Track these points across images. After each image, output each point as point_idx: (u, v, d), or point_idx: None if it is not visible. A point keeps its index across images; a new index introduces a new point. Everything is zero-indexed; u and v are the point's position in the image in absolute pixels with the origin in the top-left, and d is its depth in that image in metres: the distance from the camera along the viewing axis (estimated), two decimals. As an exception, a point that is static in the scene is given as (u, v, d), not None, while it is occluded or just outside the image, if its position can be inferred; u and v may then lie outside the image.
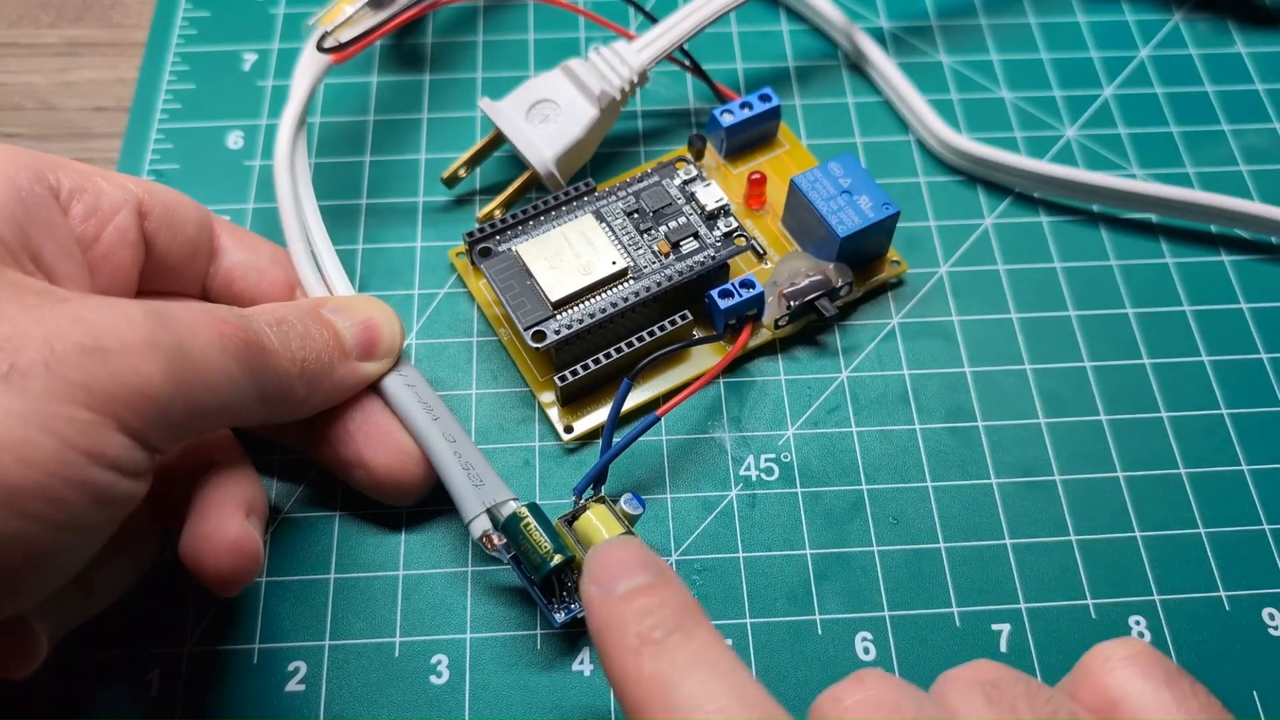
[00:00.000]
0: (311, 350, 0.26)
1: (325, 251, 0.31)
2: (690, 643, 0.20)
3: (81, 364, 0.21)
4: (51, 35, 0.40)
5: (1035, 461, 0.31)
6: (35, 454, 0.20)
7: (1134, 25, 0.41)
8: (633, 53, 0.34)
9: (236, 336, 0.24)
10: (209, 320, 0.24)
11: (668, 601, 0.21)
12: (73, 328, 0.21)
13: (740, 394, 0.32)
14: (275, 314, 0.26)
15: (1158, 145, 0.38)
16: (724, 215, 0.32)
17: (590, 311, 0.30)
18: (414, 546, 0.29)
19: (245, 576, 0.25)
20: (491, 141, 0.35)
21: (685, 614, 0.21)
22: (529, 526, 0.26)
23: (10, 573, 0.21)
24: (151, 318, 0.22)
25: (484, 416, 0.31)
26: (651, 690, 0.19)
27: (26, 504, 0.20)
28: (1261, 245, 0.35)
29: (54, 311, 0.21)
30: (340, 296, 0.30)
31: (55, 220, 0.25)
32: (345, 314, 0.28)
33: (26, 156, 0.25)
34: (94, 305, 0.22)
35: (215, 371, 0.23)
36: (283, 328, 0.26)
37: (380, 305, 0.29)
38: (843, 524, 0.30)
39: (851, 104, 0.39)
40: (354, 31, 0.33)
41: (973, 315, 0.34)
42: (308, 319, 0.27)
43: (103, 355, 0.21)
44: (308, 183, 0.32)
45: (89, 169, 0.27)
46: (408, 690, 0.27)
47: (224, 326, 0.24)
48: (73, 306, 0.22)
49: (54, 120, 0.38)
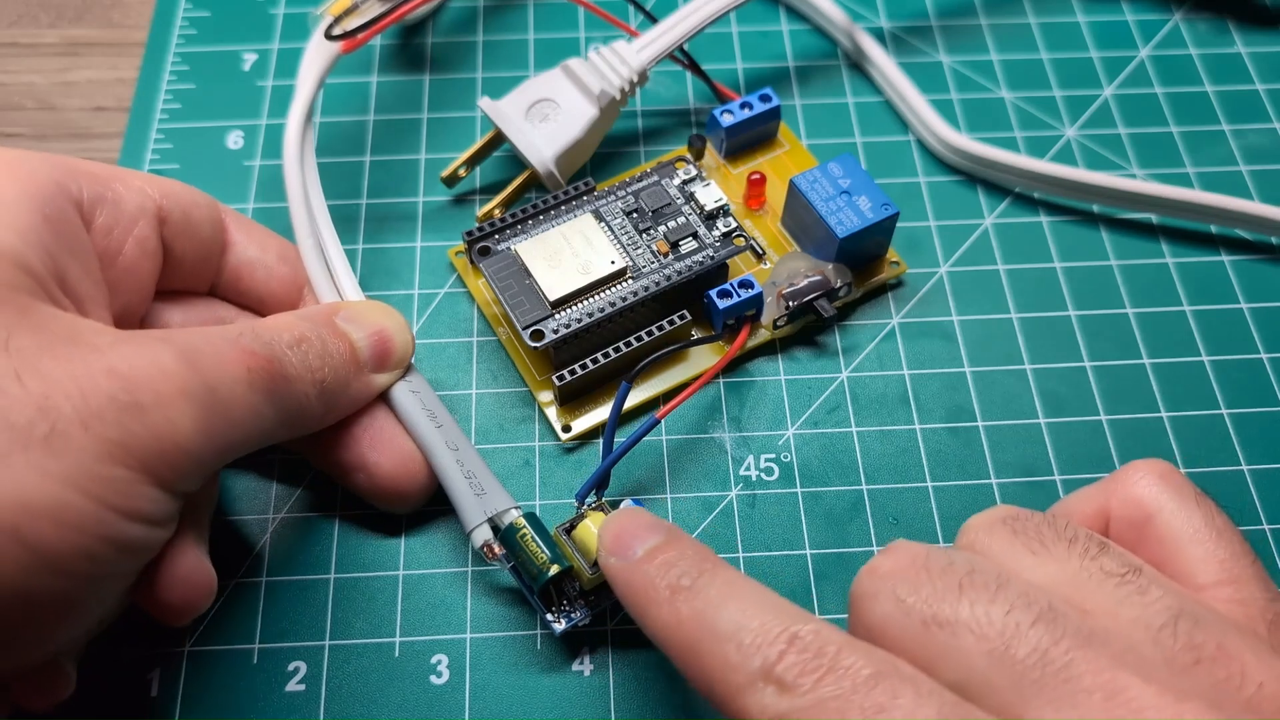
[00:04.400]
0: (330, 368, 0.26)
1: (333, 247, 0.31)
2: (717, 579, 0.21)
3: (119, 421, 0.21)
4: (51, 35, 0.40)
5: (1035, 461, 0.31)
6: (72, 516, 0.20)
7: (1134, 25, 0.41)
8: (633, 52, 0.34)
9: (264, 370, 0.24)
10: (237, 355, 0.24)
11: (685, 552, 0.22)
12: (108, 382, 0.21)
13: (740, 394, 0.32)
14: (295, 333, 0.26)
15: (1158, 145, 0.38)
16: (723, 215, 0.32)
17: (589, 311, 0.30)
18: (414, 546, 0.29)
19: (196, 610, 0.25)
20: (491, 141, 0.35)
21: (704, 559, 0.22)
22: (526, 537, 0.27)
23: (44, 624, 0.21)
24: (183, 363, 0.22)
25: (484, 416, 0.31)
26: (695, 629, 0.20)
27: (62, 564, 0.21)
28: (1261, 245, 0.35)
29: (88, 365, 0.21)
30: (352, 303, 0.29)
31: (80, 240, 0.25)
32: (359, 324, 0.28)
33: (49, 167, 0.25)
34: (126, 355, 0.22)
35: (244, 410, 0.24)
36: (303, 348, 0.26)
37: (391, 313, 0.29)
38: (843, 524, 0.30)
39: (851, 104, 0.39)
40: (362, 20, 0.32)
41: (973, 315, 0.34)
42: (326, 335, 0.27)
43: (139, 411, 0.21)
44: (316, 178, 0.32)
45: (107, 172, 0.26)
46: (408, 690, 0.27)
47: (251, 360, 0.24)
48: (106, 358, 0.22)
49: (54, 120, 0.38)
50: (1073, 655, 0.18)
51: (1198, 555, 0.21)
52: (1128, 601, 0.19)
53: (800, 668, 0.18)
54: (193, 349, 0.23)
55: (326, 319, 0.28)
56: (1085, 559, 0.20)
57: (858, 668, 0.18)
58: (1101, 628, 0.18)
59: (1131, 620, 0.19)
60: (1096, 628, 0.18)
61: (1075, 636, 0.18)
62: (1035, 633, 0.18)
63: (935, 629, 0.19)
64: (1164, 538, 0.21)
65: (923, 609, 0.19)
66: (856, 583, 0.21)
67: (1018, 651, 0.18)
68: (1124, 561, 0.20)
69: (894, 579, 0.20)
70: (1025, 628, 0.18)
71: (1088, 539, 0.20)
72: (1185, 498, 0.22)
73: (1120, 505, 0.22)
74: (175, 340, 0.23)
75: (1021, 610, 0.18)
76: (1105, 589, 0.19)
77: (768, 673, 0.19)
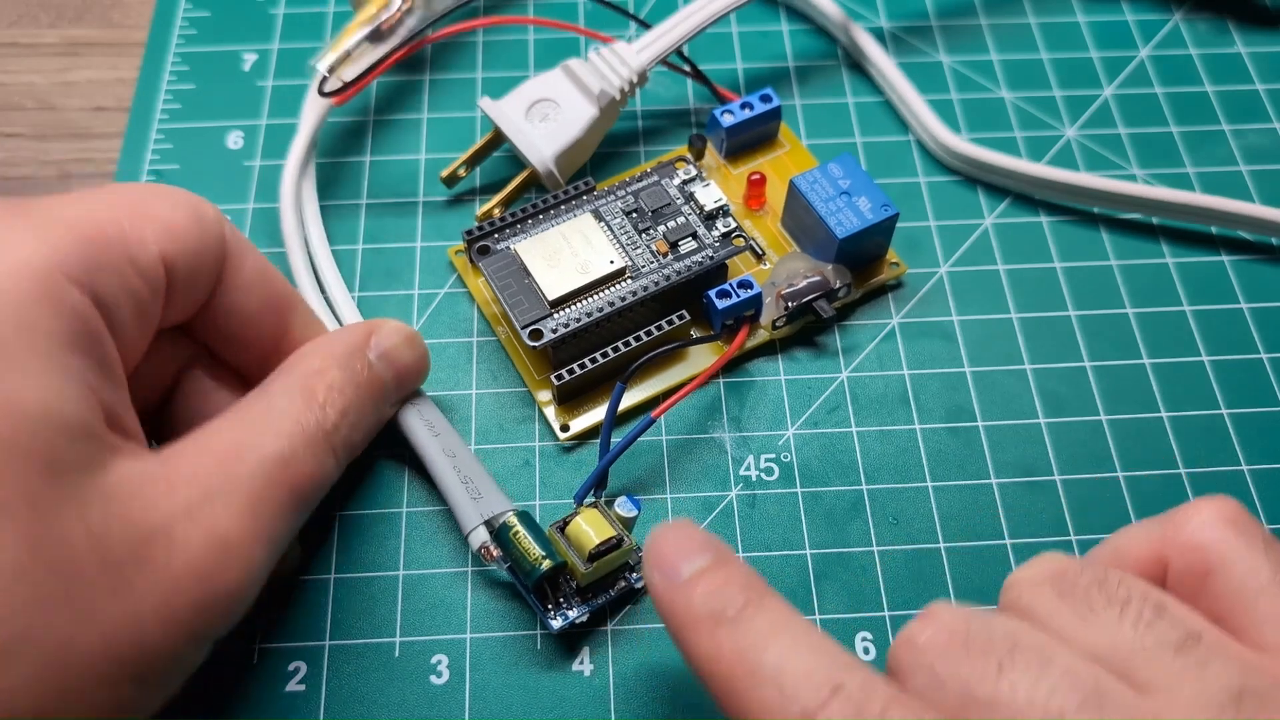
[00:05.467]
0: (365, 432, 0.27)
1: (337, 291, 0.32)
2: (763, 613, 0.20)
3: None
4: (51, 35, 0.40)
5: (1035, 461, 0.31)
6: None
7: (1134, 25, 0.41)
8: (633, 53, 0.34)
9: (305, 496, 0.24)
10: (290, 500, 0.24)
11: (733, 578, 0.21)
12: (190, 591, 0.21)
13: (740, 394, 0.32)
14: (340, 406, 0.25)
15: (1158, 145, 0.38)
16: (722, 215, 0.32)
17: (587, 310, 0.30)
18: (414, 546, 0.29)
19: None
20: (491, 141, 0.35)
21: (752, 588, 0.21)
22: (518, 535, 0.27)
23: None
24: (247, 557, 0.22)
25: (484, 417, 0.31)
26: (736, 664, 0.20)
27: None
28: (1262, 246, 0.35)
29: (119, 614, 0.20)
30: (384, 335, 0.28)
31: (110, 356, 0.22)
32: (389, 362, 0.28)
33: (61, 259, 0.21)
34: (183, 585, 0.21)
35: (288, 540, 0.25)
36: (345, 420, 0.26)
37: (416, 342, 0.29)
38: (843, 524, 0.30)
39: (851, 104, 0.39)
40: (355, 70, 0.33)
41: (973, 315, 0.34)
42: (368, 402, 0.27)
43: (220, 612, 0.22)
44: (318, 224, 0.33)
45: (119, 238, 0.23)
46: (408, 690, 0.27)
47: (296, 481, 0.24)
48: (146, 606, 0.21)
49: (54, 120, 0.38)
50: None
51: (1267, 612, 0.19)
52: (1186, 675, 0.18)
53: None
54: (252, 531, 0.23)
55: (378, 392, 0.27)
56: (1139, 626, 0.19)
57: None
58: (1153, 710, 0.17)
59: (1189, 700, 0.17)
60: (1148, 709, 0.17)
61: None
62: (1081, 718, 0.17)
63: (974, 708, 0.18)
64: (1228, 593, 0.19)
65: (961, 690, 0.18)
66: (893, 653, 0.20)
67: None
68: (1183, 628, 0.18)
69: (932, 654, 0.19)
70: (1070, 711, 0.17)
71: (1142, 601, 0.19)
72: (1254, 547, 0.20)
73: (1180, 554, 0.20)
74: (234, 537, 0.22)
75: (1066, 692, 0.17)
76: (1162, 661, 0.18)
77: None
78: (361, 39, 0.34)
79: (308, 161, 0.34)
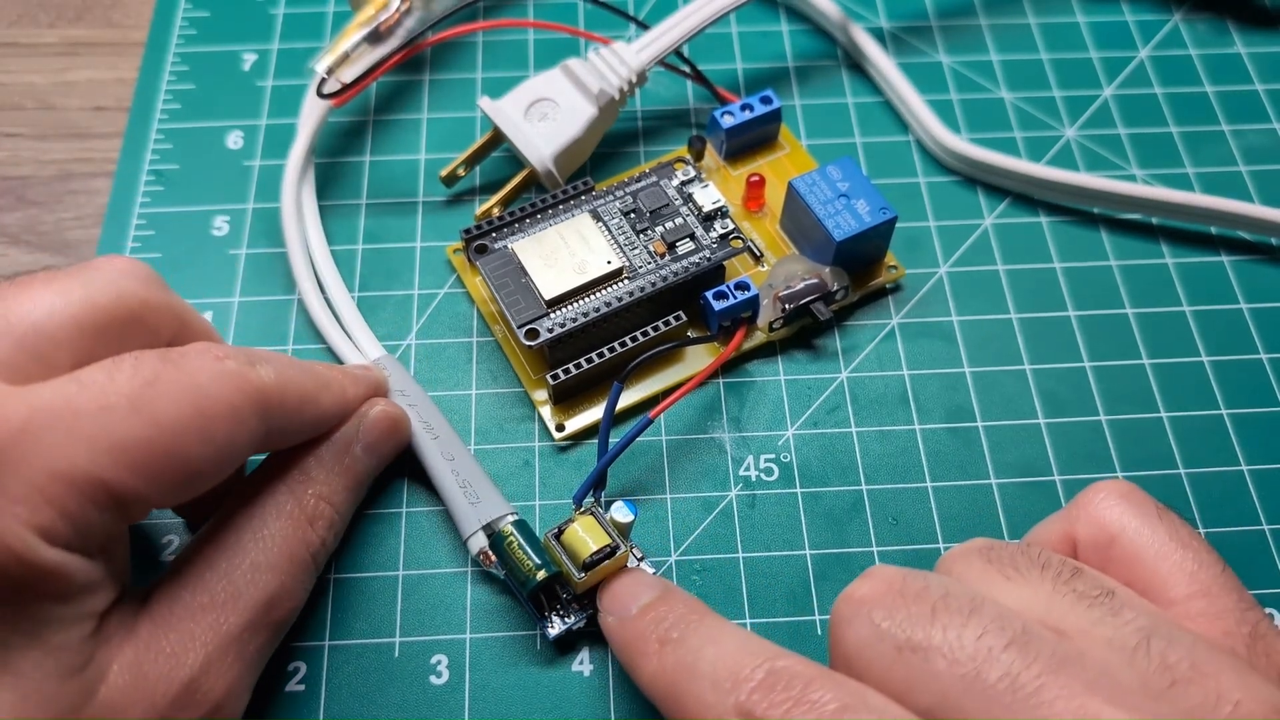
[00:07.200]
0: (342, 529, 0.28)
1: (337, 291, 0.32)
2: (700, 629, 0.22)
3: None
4: (51, 35, 0.40)
5: (1035, 462, 0.31)
6: None
7: (1134, 25, 0.41)
8: (632, 53, 0.34)
9: (286, 624, 0.26)
10: (298, 573, 0.25)
11: (675, 606, 0.23)
12: None
13: (740, 394, 0.32)
14: (328, 518, 0.27)
15: (1158, 146, 0.38)
16: (721, 217, 0.32)
17: (584, 310, 0.30)
18: (414, 546, 0.29)
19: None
20: (490, 140, 0.35)
21: (692, 611, 0.23)
22: (513, 545, 0.27)
23: None
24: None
25: (483, 417, 0.31)
26: (677, 676, 0.21)
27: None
28: (1262, 246, 0.35)
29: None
30: (369, 427, 0.28)
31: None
32: (372, 454, 0.28)
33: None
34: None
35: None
36: (331, 531, 0.27)
37: (400, 430, 0.29)
38: (842, 524, 0.30)
39: (851, 104, 0.39)
40: (354, 71, 0.34)
41: (972, 315, 0.34)
42: (351, 496, 0.28)
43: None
44: (318, 226, 0.33)
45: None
46: (408, 690, 0.27)
47: (282, 615, 0.25)
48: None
49: (54, 120, 0.38)
50: (1044, 680, 0.17)
51: (1165, 570, 0.21)
52: (1101, 623, 0.19)
53: (769, 702, 0.19)
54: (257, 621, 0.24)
55: (342, 449, 0.28)
56: (1058, 582, 0.20)
57: (824, 701, 0.18)
58: (1076, 651, 0.18)
59: (1105, 642, 0.19)
60: (1070, 651, 0.18)
61: (1048, 661, 0.18)
62: (1007, 657, 0.18)
63: (909, 654, 0.19)
64: (1130, 557, 0.21)
65: (896, 634, 0.19)
66: (834, 609, 0.21)
67: (989, 676, 0.18)
68: (1097, 584, 0.20)
69: (870, 604, 0.20)
70: (998, 651, 0.18)
71: (1060, 564, 0.21)
72: (1147, 515, 0.22)
73: (1085, 529, 0.23)
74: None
75: (994, 634, 0.18)
76: (1079, 611, 0.19)
77: (740, 708, 0.19)
78: (360, 40, 0.34)
79: (307, 161, 0.34)
